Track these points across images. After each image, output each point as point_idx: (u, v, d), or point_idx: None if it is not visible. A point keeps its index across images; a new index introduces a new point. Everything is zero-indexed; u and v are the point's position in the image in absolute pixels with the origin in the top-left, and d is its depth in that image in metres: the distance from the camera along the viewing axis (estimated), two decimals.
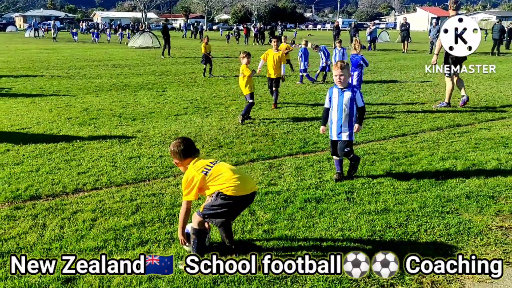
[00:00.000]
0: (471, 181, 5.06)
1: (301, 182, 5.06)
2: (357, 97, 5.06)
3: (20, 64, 18.69)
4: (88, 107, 9.53)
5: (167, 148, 6.41)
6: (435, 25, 25.02)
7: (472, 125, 7.96)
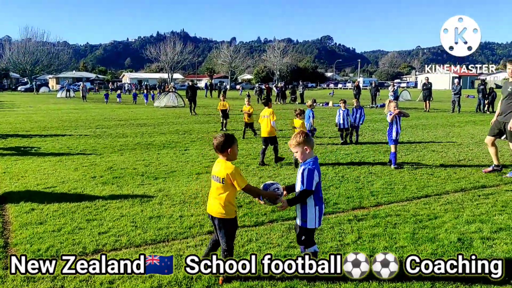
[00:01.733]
0: (498, 247, 4.88)
1: (322, 245, 4.96)
2: (304, 175, 4.05)
3: (50, 124, 19.43)
4: (112, 165, 9.74)
5: (187, 208, 6.45)
6: (457, 84, 25.19)
7: (498, 187, 7.78)
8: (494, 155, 8.91)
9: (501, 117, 8.60)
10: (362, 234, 5.34)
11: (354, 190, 7.55)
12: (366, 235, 5.30)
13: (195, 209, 6.41)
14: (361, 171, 9.12)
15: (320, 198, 4.18)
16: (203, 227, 5.60)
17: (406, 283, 4.01)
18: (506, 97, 8.48)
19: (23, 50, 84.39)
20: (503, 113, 8.57)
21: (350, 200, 6.89)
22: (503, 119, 8.53)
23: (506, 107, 8.49)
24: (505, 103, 8.55)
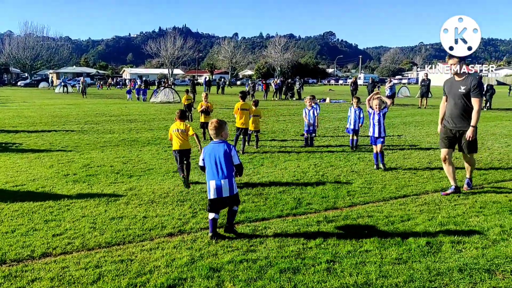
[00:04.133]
0: (468, 252, 4.65)
1: (283, 249, 4.73)
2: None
3: (39, 119, 19.22)
4: (90, 163, 9.52)
5: (153, 208, 6.24)
6: None
7: (480, 186, 7.53)
8: (450, 174, 7.12)
9: (451, 124, 7.01)
10: (328, 236, 5.11)
11: (332, 189, 7.32)
12: (332, 238, 5.06)
13: (161, 209, 6.19)
14: (343, 170, 8.88)
15: (211, 180, 5.05)
16: (164, 228, 5.38)
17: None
18: (458, 100, 6.87)
19: (23, 45, 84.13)
20: (452, 119, 6.99)
21: (324, 200, 6.66)
22: (456, 128, 6.97)
23: (457, 111, 6.90)
24: (453, 107, 6.94)
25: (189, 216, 5.85)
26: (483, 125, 17.07)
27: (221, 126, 5.13)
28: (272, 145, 12.35)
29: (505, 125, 16.85)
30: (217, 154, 5.03)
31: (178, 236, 5.13)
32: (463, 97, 6.80)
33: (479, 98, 6.77)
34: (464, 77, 6.92)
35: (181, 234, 5.23)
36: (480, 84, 6.77)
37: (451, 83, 7.08)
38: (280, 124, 17.63)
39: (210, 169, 5.05)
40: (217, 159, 5.03)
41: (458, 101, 6.88)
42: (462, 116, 6.90)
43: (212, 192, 5.01)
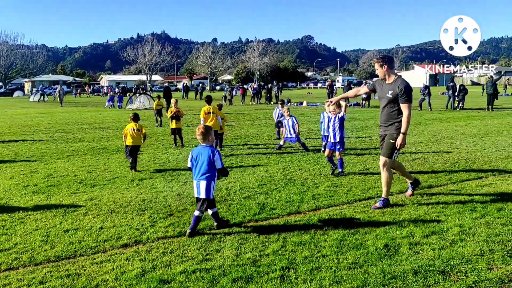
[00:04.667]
0: (424, 253, 4.61)
1: (239, 257, 4.63)
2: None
3: (8, 129, 18.76)
4: (53, 173, 9.27)
5: (112, 218, 6.07)
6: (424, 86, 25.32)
7: (445, 186, 7.56)
8: (402, 174, 7.00)
9: (381, 129, 6.66)
10: (287, 242, 5.02)
11: (297, 193, 7.25)
12: (291, 243, 4.98)
13: (120, 219, 6.02)
14: (311, 173, 8.83)
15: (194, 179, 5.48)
16: (120, 239, 5.22)
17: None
18: (386, 105, 6.38)
19: None
20: (381, 124, 6.59)
21: (288, 205, 6.58)
22: (383, 133, 6.58)
23: (388, 116, 6.42)
24: (381, 110, 6.51)
25: (148, 226, 5.70)
26: (454, 124, 17.32)
27: (208, 132, 5.51)
28: (243, 149, 12.25)
29: (475, 125, 17.09)
30: (202, 157, 5.42)
31: (132, 247, 4.98)
32: (390, 102, 6.25)
33: (408, 104, 6.14)
34: (393, 80, 6.30)
35: (136, 244, 5.07)
36: (408, 89, 6.11)
37: (382, 86, 6.44)
38: (254, 128, 17.56)
39: (194, 169, 5.46)
40: (200, 161, 5.41)
41: (385, 106, 6.37)
42: (387, 121, 6.41)
43: (195, 191, 5.47)
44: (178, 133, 13.07)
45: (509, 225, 5.41)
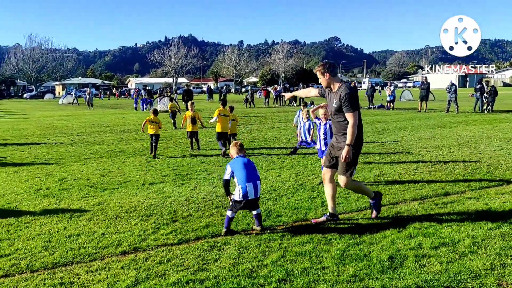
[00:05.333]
0: (431, 266, 4.37)
1: (236, 267, 4.49)
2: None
3: (33, 132, 19.18)
4: (67, 176, 9.35)
5: (116, 224, 6.03)
6: (451, 84, 24.55)
7: (462, 194, 7.23)
8: (329, 197, 5.99)
9: (334, 140, 5.99)
10: (288, 252, 4.86)
11: (306, 200, 7.06)
12: (291, 253, 4.82)
13: (123, 224, 5.98)
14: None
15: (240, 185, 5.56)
16: (120, 246, 5.16)
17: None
18: (335, 115, 5.78)
19: (28, 58, 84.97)
20: (337, 134, 5.88)
21: (295, 212, 6.41)
22: (336, 144, 5.89)
23: (339, 126, 5.80)
24: (336, 121, 5.84)
25: (150, 232, 5.63)
26: (480, 128, 16.74)
27: (242, 146, 6.01)
28: (259, 153, 12.12)
29: (502, 128, 16.46)
30: (250, 163, 5.78)
31: (131, 255, 4.91)
32: (337, 111, 5.68)
33: (352, 112, 5.51)
34: (337, 88, 5.71)
35: (135, 252, 5.00)
36: (351, 96, 5.49)
37: (330, 95, 5.84)
38: (273, 132, 17.41)
39: (246, 174, 5.60)
40: (250, 166, 5.71)
41: (334, 115, 5.80)
42: (339, 132, 5.82)
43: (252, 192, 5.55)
44: (194, 136, 13.07)
45: None
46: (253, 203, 5.62)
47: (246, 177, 5.57)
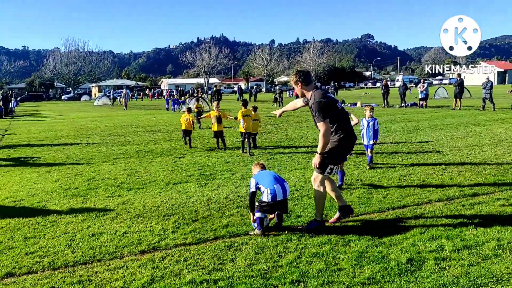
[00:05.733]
0: (451, 270, 4.24)
1: (251, 267, 4.49)
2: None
3: (67, 133, 19.77)
4: (96, 176, 9.59)
5: (137, 223, 6.14)
6: (488, 80, 23.71)
7: (491, 195, 6.97)
8: (333, 195, 6.01)
9: None
10: (304, 253, 4.81)
11: (328, 200, 6.91)
12: (308, 254, 4.77)
13: (145, 224, 6.07)
14: (348, 178, 8.48)
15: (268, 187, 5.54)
16: (139, 245, 5.25)
17: None
18: (315, 123, 5.60)
19: (66, 61, 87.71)
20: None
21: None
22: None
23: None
24: (317, 128, 5.62)
25: (170, 232, 5.70)
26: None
27: (264, 166, 6.18)
28: (285, 152, 12.07)
29: None
30: (272, 172, 5.90)
31: (149, 254, 4.98)
32: (314, 119, 5.56)
33: (321, 122, 5.37)
34: (309, 96, 5.62)
35: (154, 251, 5.08)
36: (318, 105, 5.37)
37: (308, 104, 5.72)
38: (301, 131, 17.30)
39: (272, 179, 5.64)
40: (273, 173, 5.84)
41: (314, 124, 5.65)
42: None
43: (281, 194, 5.53)
44: (220, 136, 13.16)
45: None
46: (282, 205, 5.57)
47: (272, 181, 5.57)
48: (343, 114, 5.70)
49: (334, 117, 5.51)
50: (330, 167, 5.62)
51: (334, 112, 5.54)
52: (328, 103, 5.48)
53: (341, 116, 5.63)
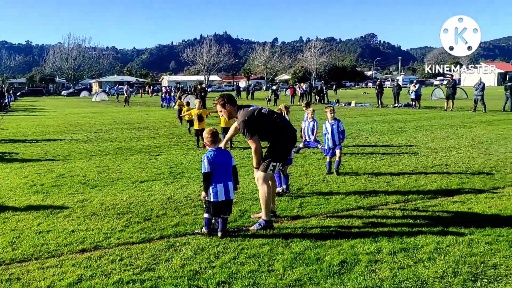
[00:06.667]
0: (380, 273, 4.22)
1: (184, 268, 4.47)
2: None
3: (56, 128, 19.80)
4: (66, 172, 9.60)
5: (89, 221, 6.13)
6: (480, 82, 23.63)
7: (449, 197, 6.94)
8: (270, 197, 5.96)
9: None
10: (241, 254, 4.80)
11: (286, 200, 6.97)
12: (245, 255, 4.76)
13: (96, 222, 6.07)
14: (314, 178, 8.48)
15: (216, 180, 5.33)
16: (82, 244, 5.24)
17: None
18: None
19: (66, 56, 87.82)
20: None
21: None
22: None
23: None
24: None
25: (117, 230, 5.69)
26: (501, 128, 16.05)
27: (218, 135, 5.53)
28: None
29: None
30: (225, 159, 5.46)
31: (88, 253, 4.97)
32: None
33: (250, 139, 5.58)
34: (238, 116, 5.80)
35: (94, 250, 5.07)
36: (243, 125, 5.55)
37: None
38: None
39: (219, 173, 5.36)
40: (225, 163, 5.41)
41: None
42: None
43: (223, 194, 5.33)
44: (201, 134, 13.14)
45: (494, 244, 4.84)
46: (225, 206, 5.40)
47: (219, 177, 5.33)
48: (277, 117, 5.80)
49: (267, 126, 5.66)
50: (272, 164, 5.67)
51: (265, 122, 5.66)
52: (253, 119, 5.60)
53: (275, 120, 5.74)
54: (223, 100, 5.81)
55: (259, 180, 5.69)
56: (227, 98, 5.84)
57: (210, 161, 5.32)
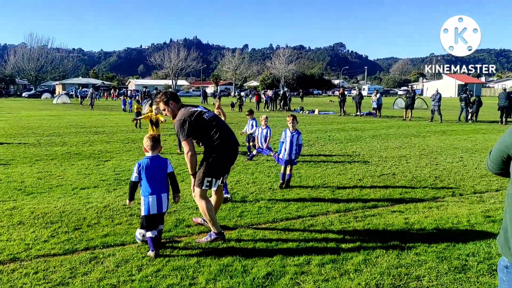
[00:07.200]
0: (304, 285, 4.11)
1: (100, 282, 4.24)
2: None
3: (5, 131, 19.00)
4: (4, 178, 9.13)
5: (13, 231, 5.80)
6: (436, 93, 24.24)
7: (389, 207, 6.95)
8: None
9: None
10: (166, 266, 4.60)
11: (227, 209, 6.81)
12: (169, 267, 4.56)
13: (21, 232, 5.74)
14: (261, 187, 8.35)
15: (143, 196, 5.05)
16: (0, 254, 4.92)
17: None
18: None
19: (28, 56, 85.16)
20: None
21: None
22: None
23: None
24: None
25: (41, 241, 5.39)
26: (453, 138, 16.43)
27: (159, 140, 5.19)
28: None
29: (475, 139, 16.15)
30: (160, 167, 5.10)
31: (2, 265, 4.66)
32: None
33: (183, 140, 5.27)
34: None
35: (10, 262, 4.76)
36: (178, 124, 5.25)
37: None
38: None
39: (151, 182, 5.02)
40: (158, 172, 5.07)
41: None
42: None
43: (156, 206, 5.00)
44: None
45: (422, 254, 4.83)
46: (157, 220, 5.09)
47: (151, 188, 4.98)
48: (219, 124, 5.48)
49: (205, 131, 5.33)
50: (207, 179, 5.35)
51: (204, 127, 5.32)
52: (191, 121, 5.24)
53: (216, 127, 5.40)
54: (166, 97, 5.42)
55: (196, 196, 5.38)
56: (170, 95, 5.47)
57: (139, 170, 5.07)
